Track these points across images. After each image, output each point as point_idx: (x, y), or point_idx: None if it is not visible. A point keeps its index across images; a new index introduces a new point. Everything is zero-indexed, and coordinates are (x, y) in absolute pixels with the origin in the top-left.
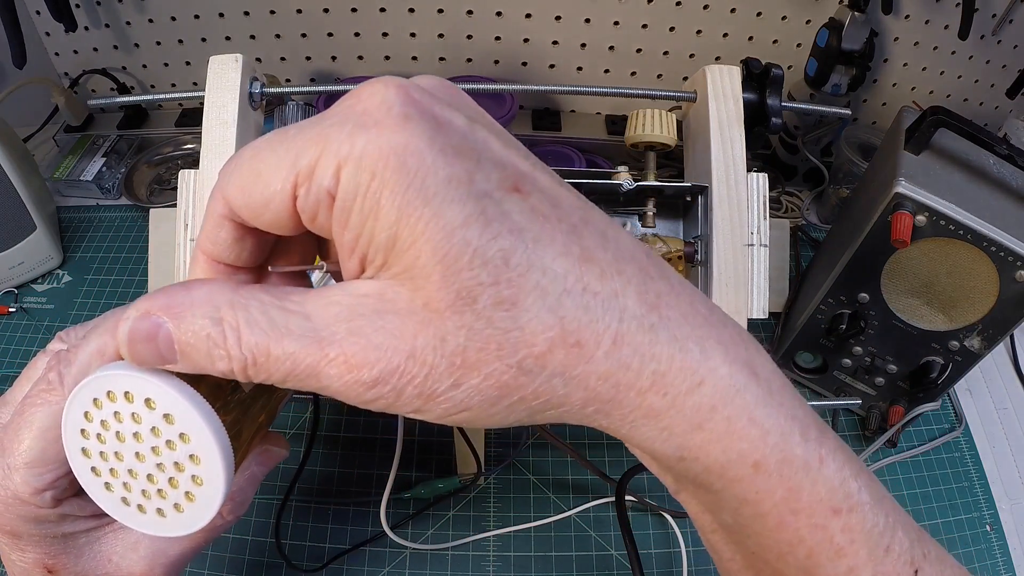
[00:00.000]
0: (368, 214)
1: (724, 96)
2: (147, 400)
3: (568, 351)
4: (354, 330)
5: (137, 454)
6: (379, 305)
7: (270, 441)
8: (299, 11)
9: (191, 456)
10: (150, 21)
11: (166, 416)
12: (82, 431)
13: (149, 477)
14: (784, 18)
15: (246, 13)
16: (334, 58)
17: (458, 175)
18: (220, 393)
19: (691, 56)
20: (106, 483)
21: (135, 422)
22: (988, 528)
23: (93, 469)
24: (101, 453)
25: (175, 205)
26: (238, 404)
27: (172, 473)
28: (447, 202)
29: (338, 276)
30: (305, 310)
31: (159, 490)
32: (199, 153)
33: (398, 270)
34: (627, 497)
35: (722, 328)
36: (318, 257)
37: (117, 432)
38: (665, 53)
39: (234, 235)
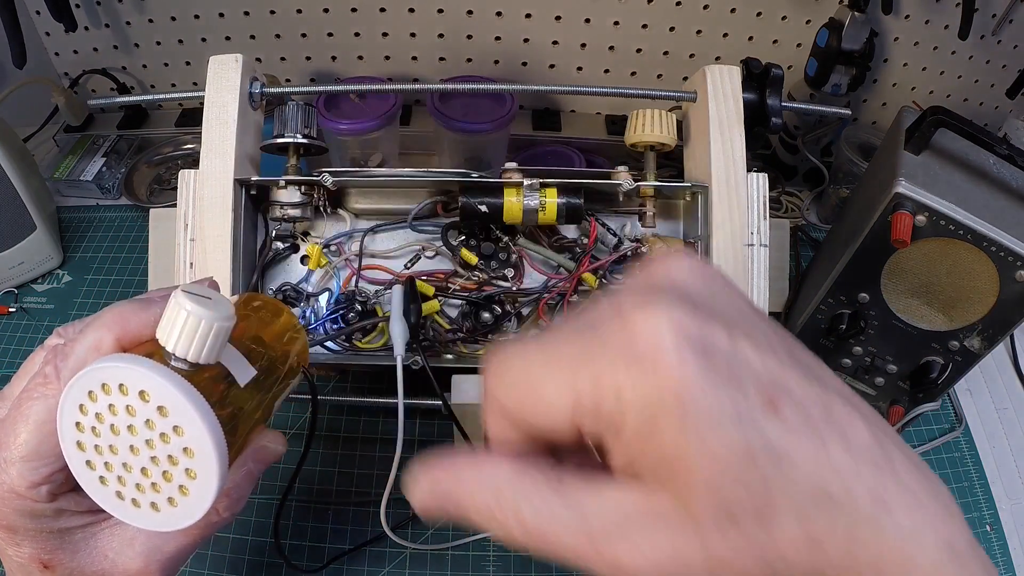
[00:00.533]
0: (642, 439)
1: (724, 96)
2: (141, 392)
3: (810, 550)
4: (626, 537)
5: (131, 447)
6: (648, 514)
7: (267, 438)
8: (299, 11)
9: (185, 449)
10: (150, 21)
11: (160, 408)
12: (77, 424)
13: (143, 471)
14: (784, 18)
15: (246, 13)
16: (334, 58)
17: (724, 405)
18: (215, 388)
19: (691, 56)
20: (100, 477)
21: (129, 415)
22: (988, 528)
23: (88, 463)
24: (96, 446)
25: (175, 205)
26: (234, 400)
27: (166, 467)
28: (714, 430)
29: None
30: (580, 503)
31: (153, 484)
32: (199, 153)
33: (665, 482)
34: None
35: (932, 504)
36: None
37: (112, 425)
38: (665, 53)
39: (517, 432)
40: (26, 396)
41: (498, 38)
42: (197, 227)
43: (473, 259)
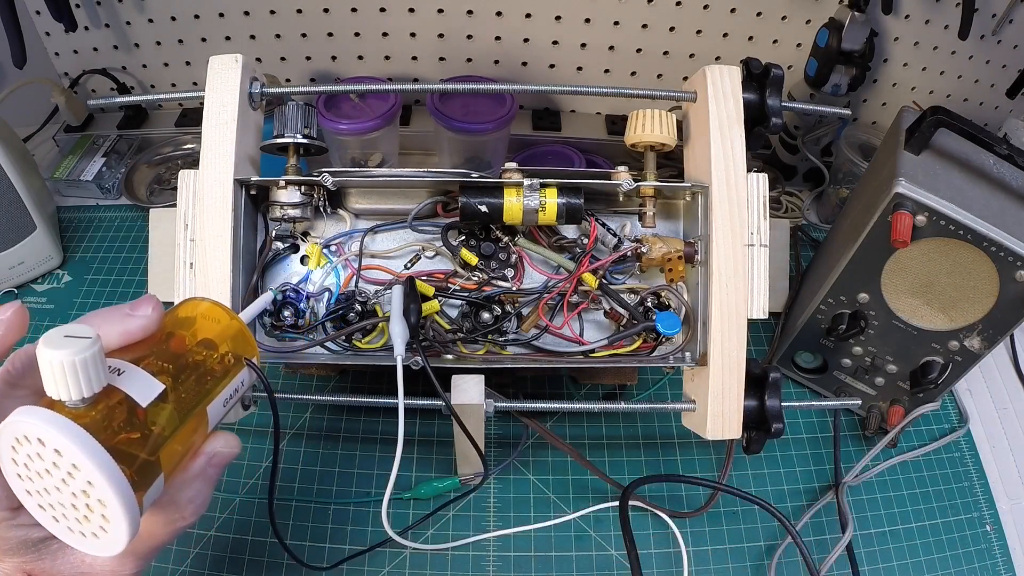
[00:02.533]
0: None
1: (724, 96)
2: (39, 440)
3: None
4: None
5: (56, 488)
6: None
7: (219, 443)
8: (299, 11)
9: (89, 482)
10: (150, 21)
11: (56, 451)
12: (13, 460)
13: (72, 505)
14: (784, 18)
15: (246, 13)
16: (334, 58)
17: None
18: (114, 416)
19: (691, 56)
20: (40, 505)
21: (42, 460)
22: (988, 528)
23: (27, 491)
24: (31, 480)
25: (175, 205)
26: (149, 418)
27: (83, 501)
28: None
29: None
30: None
31: (80, 517)
32: (199, 153)
33: None
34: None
35: None
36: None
37: (36, 469)
38: (665, 53)
39: None
40: None
41: (498, 38)
42: (197, 227)
43: (473, 259)
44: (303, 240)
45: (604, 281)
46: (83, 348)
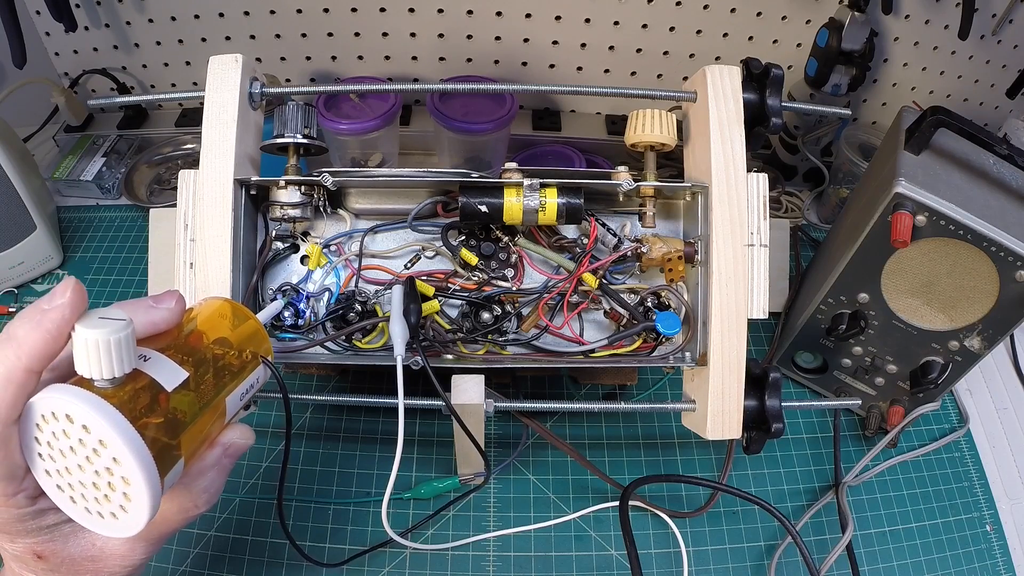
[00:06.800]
0: None
1: (724, 96)
2: (67, 416)
3: None
4: None
5: (79, 465)
6: None
7: (235, 434)
8: (299, 11)
9: (114, 459)
10: (150, 21)
11: (84, 427)
12: (36, 439)
13: (94, 484)
14: (784, 18)
15: (246, 13)
16: (334, 58)
17: None
18: (140, 398)
19: (691, 56)
20: (58, 485)
21: (67, 437)
22: (988, 528)
23: (47, 472)
24: (52, 458)
25: (175, 205)
26: (174, 404)
27: (104, 479)
28: None
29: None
30: None
31: (100, 496)
32: (199, 153)
33: None
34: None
35: None
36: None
37: (59, 447)
38: (665, 53)
39: None
40: None
41: (498, 38)
42: (197, 227)
43: (473, 259)
44: (303, 240)
45: (604, 281)
46: (117, 329)
